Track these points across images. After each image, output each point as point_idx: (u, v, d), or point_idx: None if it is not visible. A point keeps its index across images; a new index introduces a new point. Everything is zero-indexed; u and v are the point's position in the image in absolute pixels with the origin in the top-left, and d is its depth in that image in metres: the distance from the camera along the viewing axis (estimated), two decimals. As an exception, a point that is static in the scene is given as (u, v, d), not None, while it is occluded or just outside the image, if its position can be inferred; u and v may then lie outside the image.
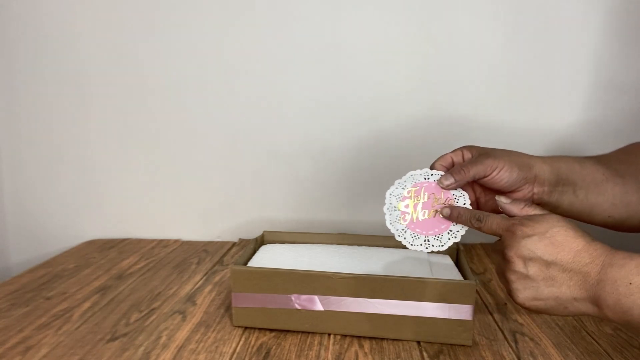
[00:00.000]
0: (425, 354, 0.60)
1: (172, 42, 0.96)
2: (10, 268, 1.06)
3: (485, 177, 0.54)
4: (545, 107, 0.95)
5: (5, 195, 1.04)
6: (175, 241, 1.03)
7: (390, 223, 0.57)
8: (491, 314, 0.70)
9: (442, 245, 0.55)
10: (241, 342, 0.63)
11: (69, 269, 0.87)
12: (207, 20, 0.95)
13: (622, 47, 0.93)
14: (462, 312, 0.61)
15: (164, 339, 0.64)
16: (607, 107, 0.95)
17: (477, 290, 0.74)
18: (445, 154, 0.59)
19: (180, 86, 0.98)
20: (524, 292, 0.43)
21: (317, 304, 0.63)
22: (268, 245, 0.78)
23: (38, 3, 0.96)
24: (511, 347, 0.62)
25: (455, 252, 0.75)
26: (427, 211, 0.55)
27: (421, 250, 0.57)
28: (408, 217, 0.56)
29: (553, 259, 0.42)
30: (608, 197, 0.57)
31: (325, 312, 0.63)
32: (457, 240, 0.55)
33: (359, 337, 0.64)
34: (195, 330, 0.66)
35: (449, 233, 0.55)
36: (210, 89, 0.98)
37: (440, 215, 0.55)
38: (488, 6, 0.92)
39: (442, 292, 0.60)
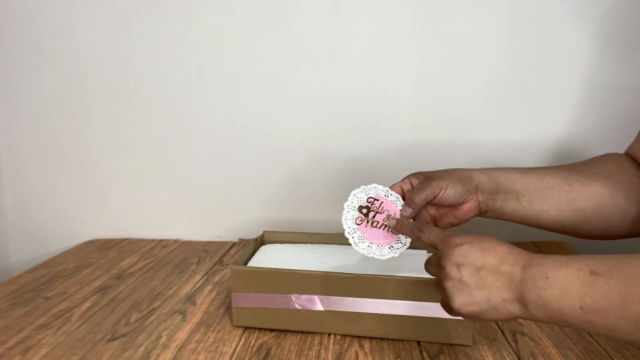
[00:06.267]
0: (425, 354, 0.60)
1: (171, 42, 0.96)
2: (10, 268, 1.06)
3: (435, 197, 0.59)
4: (545, 109, 0.95)
5: (5, 195, 1.04)
6: (175, 241, 1.03)
7: (345, 219, 0.61)
8: (491, 314, 0.70)
9: (382, 256, 0.59)
10: (241, 342, 0.63)
11: (68, 269, 0.87)
12: (207, 21, 0.95)
13: (620, 51, 0.93)
14: (462, 312, 0.61)
15: (164, 339, 0.64)
16: (607, 108, 0.95)
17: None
18: (395, 184, 0.63)
19: (180, 86, 0.98)
20: (459, 297, 0.46)
21: (317, 304, 0.63)
22: (268, 245, 0.78)
23: (38, 5, 0.96)
24: (511, 347, 0.62)
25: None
26: (378, 222, 0.61)
27: (362, 254, 0.59)
28: (362, 220, 0.61)
29: (482, 263, 0.45)
30: (554, 203, 0.61)
31: (325, 312, 0.63)
32: (396, 255, 0.59)
33: (359, 337, 0.64)
34: (195, 330, 0.66)
35: (390, 248, 0.60)
36: (210, 89, 0.98)
37: (388, 230, 0.60)
38: (489, 9, 0.91)
39: (442, 292, 0.60)
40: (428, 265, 0.52)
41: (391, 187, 0.63)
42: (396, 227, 0.58)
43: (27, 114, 1.01)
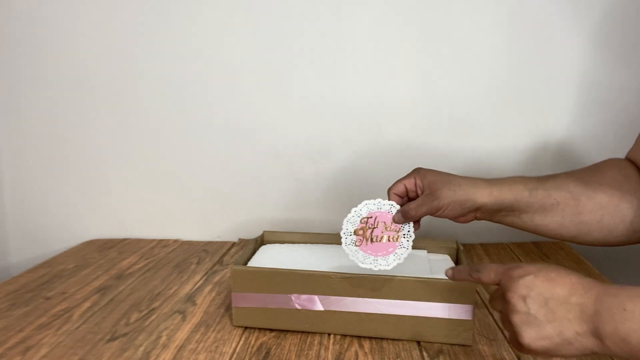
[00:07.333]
0: (425, 354, 0.60)
1: (172, 42, 0.96)
2: (10, 268, 1.06)
3: (431, 214, 0.60)
4: (545, 110, 0.95)
5: (5, 195, 1.04)
6: (175, 241, 1.03)
7: (345, 245, 0.63)
8: (491, 314, 0.70)
9: (388, 265, 0.61)
10: (241, 342, 0.63)
11: (68, 269, 0.87)
12: (208, 21, 0.95)
13: (620, 51, 0.93)
14: (462, 312, 0.61)
15: (164, 339, 0.64)
16: (607, 109, 0.95)
17: (477, 290, 0.74)
18: (399, 182, 0.63)
19: (180, 86, 0.98)
20: (529, 332, 0.43)
21: (317, 304, 0.63)
22: (268, 245, 0.78)
23: (39, 5, 0.96)
24: (511, 347, 0.62)
25: (455, 252, 0.75)
26: (378, 236, 0.63)
27: (370, 269, 0.61)
28: (360, 242, 0.63)
29: (550, 294, 0.42)
30: (556, 218, 0.61)
31: (325, 312, 0.63)
32: (401, 261, 0.62)
33: (359, 337, 0.64)
34: (195, 330, 0.66)
35: (394, 255, 0.62)
36: (210, 89, 0.98)
37: (389, 239, 0.62)
38: (489, 12, 0.91)
39: (442, 292, 0.60)
40: (493, 301, 0.49)
41: (394, 186, 0.63)
42: (454, 276, 0.54)
43: (27, 114, 1.01)
